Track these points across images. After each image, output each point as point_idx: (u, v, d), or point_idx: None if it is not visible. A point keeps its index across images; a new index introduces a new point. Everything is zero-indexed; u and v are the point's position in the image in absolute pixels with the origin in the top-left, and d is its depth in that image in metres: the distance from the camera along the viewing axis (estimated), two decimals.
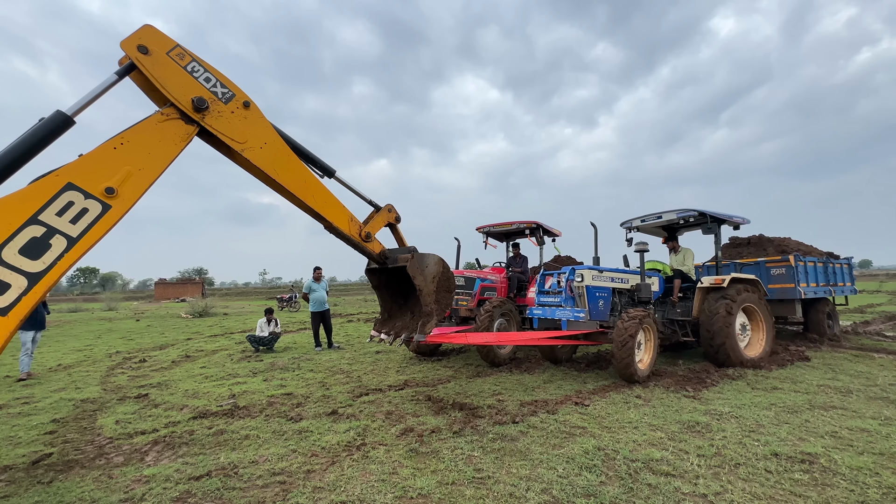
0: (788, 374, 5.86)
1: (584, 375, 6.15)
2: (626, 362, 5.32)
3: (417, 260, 4.07)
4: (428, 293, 4.04)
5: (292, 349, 9.36)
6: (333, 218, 3.89)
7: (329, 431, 4.08)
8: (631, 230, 8.12)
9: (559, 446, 3.58)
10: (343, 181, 4.21)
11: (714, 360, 6.42)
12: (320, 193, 3.85)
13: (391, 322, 4.55)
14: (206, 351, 9.45)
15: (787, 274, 7.90)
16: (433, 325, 4.04)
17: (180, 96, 3.15)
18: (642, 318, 5.62)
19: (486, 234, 9.19)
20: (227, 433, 4.12)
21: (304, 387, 5.91)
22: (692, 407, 4.51)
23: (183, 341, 11.34)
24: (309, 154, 4.00)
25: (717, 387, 5.33)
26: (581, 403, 4.72)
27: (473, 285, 7.76)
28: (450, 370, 6.79)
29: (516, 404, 4.79)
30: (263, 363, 7.67)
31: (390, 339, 4.29)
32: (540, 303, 6.67)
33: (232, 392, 5.67)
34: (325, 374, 6.75)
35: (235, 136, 3.41)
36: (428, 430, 4.01)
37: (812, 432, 3.76)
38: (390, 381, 6.11)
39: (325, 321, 9.42)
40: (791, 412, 4.30)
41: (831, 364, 6.45)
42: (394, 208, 4.40)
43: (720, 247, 7.42)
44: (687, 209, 7.03)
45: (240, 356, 8.49)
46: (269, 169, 3.55)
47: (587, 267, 6.37)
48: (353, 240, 4.00)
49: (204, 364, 7.83)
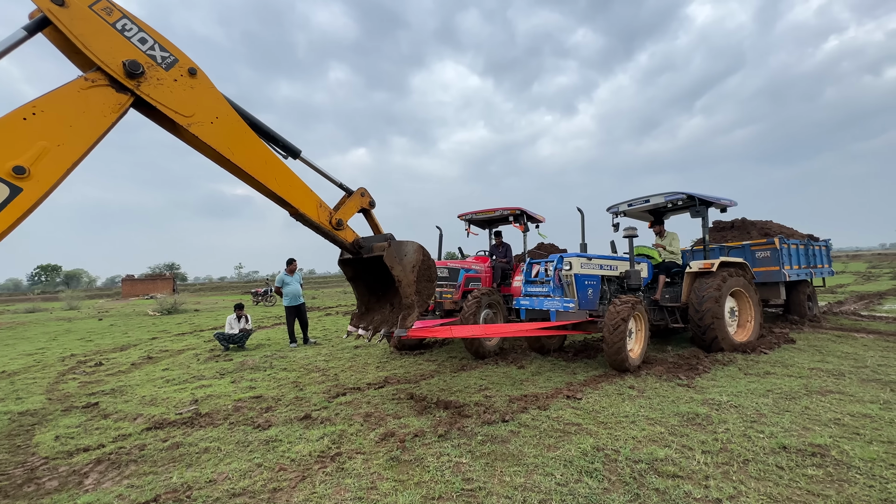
0: (778, 358, 5.75)
1: (574, 365, 5.90)
2: (618, 347, 5.09)
3: (395, 248, 3.68)
4: (407, 284, 3.66)
5: (266, 346, 8.84)
6: (299, 203, 3.45)
7: (300, 440, 3.67)
8: (617, 215, 7.91)
9: (554, 447, 3.28)
10: (310, 163, 3.75)
11: (703, 346, 6.28)
12: (283, 175, 3.39)
13: (369, 316, 4.16)
14: (172, 351, 8.83)
15: (772, 257, 7.85)
16: (414, 317, 3.67)
17: (108, 59, 2.63)
18: (634, 303, 5.39)
19: (468, 222, 8.83)
20: (184, 446, 3.66)
21: (275, 388, 5.46)
22: (688, 397, 4.30)
23: (147, 341, 10.63)
24: (271, 132, 3.53)
25: (709, 373, 5.15)
26: (573, 397, 4.45)
27: (458, 276, 7.41)
28: (433, 364, 6.44)
29: (505, 400, 4.48)
30: (233, 363, 7.15)
31: (369, 334, 3.90)
32: (527, 293, 6.37)
33: (194, 397, 5.17)
34: (300, 372, 6.30)
35: (180, 109, 2.91)
36: (410, 433, 3.66)
37: (815, 420, 3.58)
38: (369, 379, 5.72)
39: (300, 316, 8.92)
40: (789, 399, 4.13)
41: (817, 346, 6.41)
42: (367, 192, 3.97)
43: (708, 230, 7.27)
44: (675, 192, 6.83)
45: (207, 356, 7.93)
46: (221, 147, 3.08)
47: (575, 254, 6.09)
48: (323, 227, 3.57)
49: (167, 366, 7.25)
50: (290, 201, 3.37)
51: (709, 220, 7.24)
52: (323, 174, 3.80)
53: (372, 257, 3.78)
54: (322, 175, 3.81)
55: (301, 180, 3.48)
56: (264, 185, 3.24)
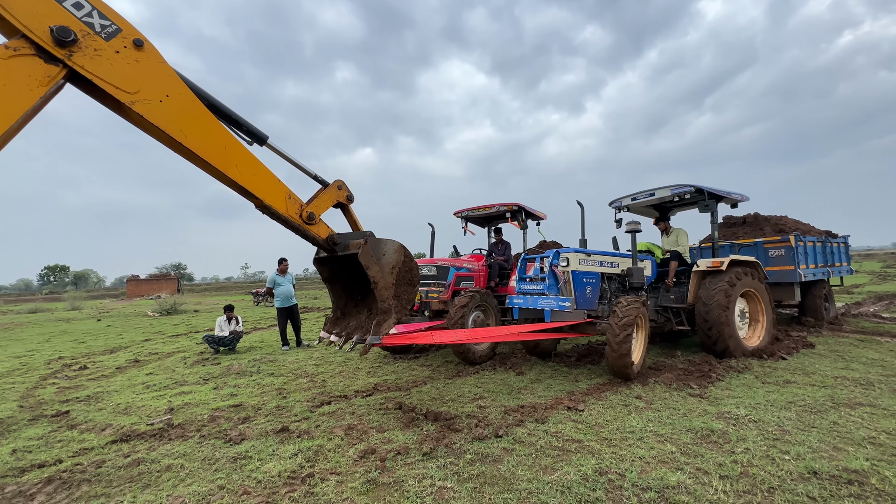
0: (798, 364, 5.34)
1: (576, 372, 5.53)
2: (624, 360, 4.69)
3: (372, 246, 3.33)
4: (384, 286, 3.31)
5: (257, 349, 8.54)
6: (264, 193, 3.11)
7: (272, 457, 3.33)
8: (620, 210, 7.50)
9: (552, 469, 2.92)
10: (279, 150, 3.40)
11: (712, 351, 5.87)
12: (246, 163, 3.05)
13: (344, 321, 3.82)
14: (161, 354, 8.55)
15: (787, 255, 7.41)
16: (391, 324, 3.32)
17: (32, 23, 2.30)
18: (641, 305, 5.00)
19: (464, 220, 8.46)
20: (146, 463, 3.34)
21: (257, 395, 5.14)
22: (701, 409, 3.91)
23: (139, 343, 10.38)
24: (233, 115, 3.19)
25: (723, 382, 4.76)
26: (574, 408, 4.08)
27: (447, 275, 7.04)
28: (427, 370, 6.10)
29: (500, 411, 4.12)
30: (219, 367, 6.85)
31: (340, 341, 3.56)
32: (520, 291, 6.00)
33: (171, 405, 4.85)
34: (287, 378, 5.98)
35: (122, 84, 2.58)
36: (393, 450, 3.31)
37: (847, 439, 3.19)
38: (358, 386, 5.38)
39: (292, 318, 8.61)
40: (815, 412, 3.73)
41: (839, 351, 5.98)
42: (345, 185, 3.63)
43: (717, 226, 6.86)
44: (682, 185, 6.42)
45: (196, 359, 7.64)
46: (172, 128, 2.74)
47: (573, 250, 5.70)
48: (292, 221, 3.23)
49: (152, 370, 6.96)
50: (254, 191, 3.03)
51: (718, 215, 6.83)
52: (294, 164, 3.46)
53: (349, 256, 3.44)
54: (294, 165, 3.46)
55: (267, 169, 3.14)
56: (223, 172, 2.91)
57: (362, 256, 3.27)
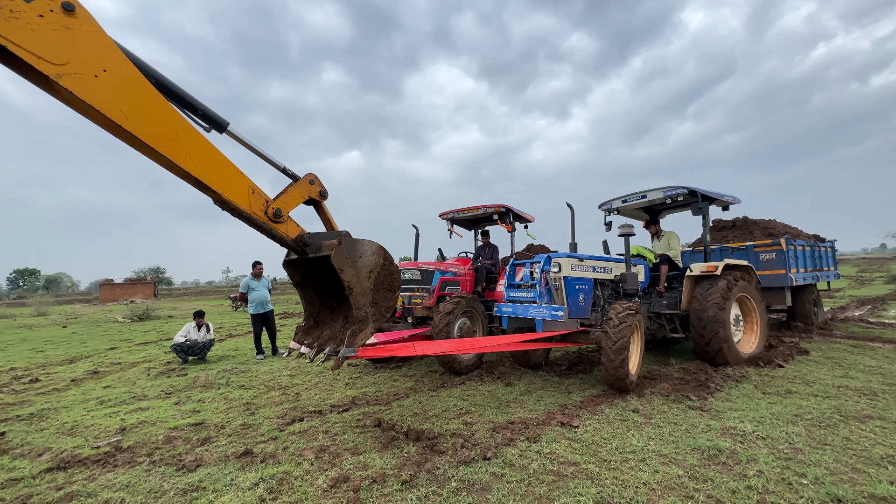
0: (796, 372, 5.14)
1: (568, 382, 5.23)
2: (621, 372, 4.39)
3: (347, 247, 2.97)
4: (361, 292, 2.95)
5: (230, 358, 8.02)
6: (223, 187, 2.72)
7: (229, 487, 2.92)
8: (610, 212, 7.28)
9: (547, 498, 2.58)
10: (242, 139, 3.02)
11: (707, 359, 5.65)
12: (202, 152, 2.66)
13: (317, 330, 3.44)
14: (124, 364, 7.96)
15: (778, 259, 7.28)
16: (367, 334, 2.96)
17: None
18: (637, 313, 4.72)
19: (450, 222, 8.14)
20: (80, 498, 2.89)
21: (223, 411, 4.69)
22: (704, 424, 3.64)
23: (102, 352, 9.71)
24: (188, 98, 2.80)
25: (722, 392, 4.51)
26: (569, 424, 3.76)
27: (432, 279, 6.69)
28: (410, 380, 5.72)
29: (488, 429, 3.77)
30: (186, 379, 6.34)
31: (312, 352, 3.18)
32: (509, 298, 5.67)
33: (123, 424, 4.37)
34: (257, 391, 5.52)
35: (46, 54, 2.17)
36: (369, 477, 2.93)
37: (864, 458, 2.94)
38: (335, 399, 4.97)
39: (267, 324, 8.13)
40: (824, 427, 3.49)
41: (834, 357, 5.82)
42: (317, 179, 3.26)
43: (709, 229, 6.68)
44: (675, 187, 6.22)
45: (161, 370, 7.09)
46: (109, 109, 2.33)
47: (565, 255, 5.40)
48: (256, 219, 2.85)
49: (110, 382, 6.41)
50: (211, 184, 2.64)
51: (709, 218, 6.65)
52: (260, 154, 3.08)
53: (321, 258, 3.07)
54: (259, 156, 3.08)
55: (227, 159, 2.75)
56: (174, 162, 2.51)
57: (335, 258, 2.91)
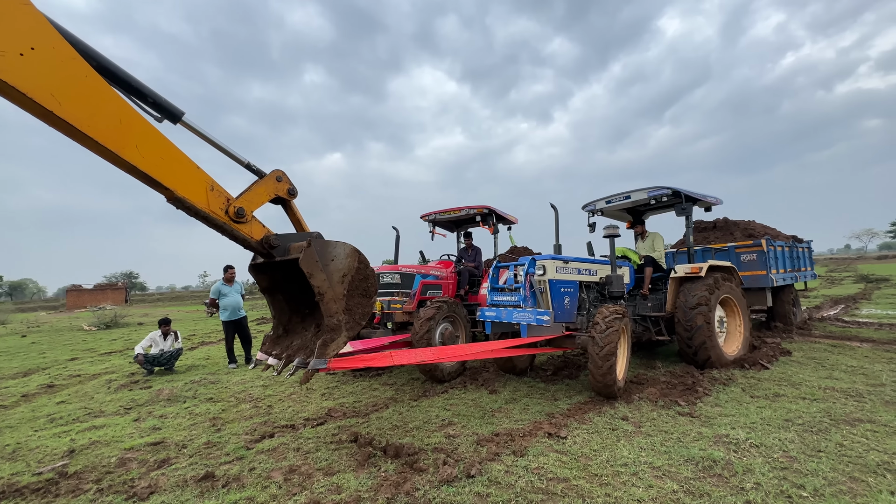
0: (781, 374, 5.09)
1: (554, 388, 5.05)
2: (609, 378, 4.24)
3: (317, 250, 2.72)
4: (333, 298, 2.71)
5: (200, 368, 7.59)
6: (176, 183, 2.44)
7: None
8: (594, 213, 7.19)
9: None
10: (200, 130, 2.73)
11: (693, 362, 5.57)
12: (152, 143, 2.38)
13: (287, 339, 3.18)
14: (84, 376, 7.44)
15: (759, 260, 7.31)
16: (340, 344, 2.72)
17: None
18: (623, 316, 4.59)
19: (432, 223, 7.92)
20: None
21: (186, 428, 4.34)
22: (696, 432, 3.50)
23: (62, 363, 9.11)
24: (136, 84, 2.51)
25: (710, 396, 4.41)
26: (556, 435, 3.57)
27: (412, 283, 6.45)
28: (390, 389, 5.46)
29: (471, 441, 3.55)
30: (149, 391, 5.92)
31: (280, 364, 2.92)
32: (493, 302, 5.48)
33: (73, 445, 3.98)
34: (226, 404, 5.18)
35: None
36: (342, 502, 2.67)
37: (860, 466, 2.83)
38: (309, 412, 4.68)
39: (241, 331, 7.73)
40: (816, 432, 3.39)
41: (816, 358, 5.82)
42: (285, 176, 2.99)
43: (692, 231, 6.63)
44: (659, 187, 6.15)
45: (123, 382, 6.64)
46: (38, 92, 2.04)
47: (550, 256, 5.23)
48: (215, 218, 2.57)
49: (65, 397, 5.95)
50: (162, 179, 2.36)
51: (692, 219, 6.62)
52: (221, 148, 2.79)
53: (291, 262, 2.81)
54: (220, 150, 2.80)
55: (181, 152, 2.47)
56: (117, 154, 2.22)
57: (304, 262, 2.65)
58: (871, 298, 13.65)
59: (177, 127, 2.69)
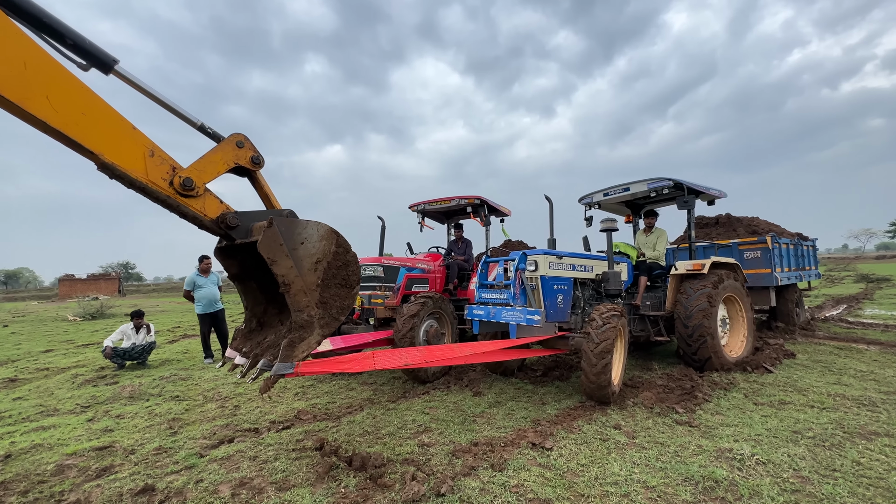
0: (786, 379, 4.75)
1: (542, 391, 4.71)
2: (603, 379, 3.89)
3: (282, 231, 2.33)
4: (302, 290, 2.34)
5: (174, 362, 7.24)
6: (104, 146, 2.05)
7: None
8: (591, 206, 6.80)
9: None
10: (136, 81, 2.32)
11: (692, 363, 5.24)
12: (68, 95, 1.98)
13: (260, 335, 2.80)
14: (53, 370, 7.08)
15: (763, 257, 6.95)
16: (312, 344, 2.36)
17: None
18: (621, 316, 4.23)
19: (420, 214, 7.54)
20: None
21: (140, 430, 3.99)
22: (695, 444, 3.15)
23: (35, 355, 8.74)
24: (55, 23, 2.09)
25: (710, 403, 4.06)
26: (541, 446, 3.23)
27: (397, 276, 6.08)
28: (368, 389, 5.11)
29: (446, 451, 3.20)
30: (114, 388, 5.56)
31: (246, 364, 2.55)
32: (481, 300, 5.11)
33: (11, 449, 3.61)
34: (191, 402, 4.82)
35: None
36: None
37: (882, 490, 2.49)
38: (277, 414, 4.33)
39: (217, 325, 7.36)
40: (828, 447, 3.05)
41: (822, 361, 5.49)
42: (247, 141, 2.56)
43: (693, 225, 6.27)
44: (659, 178, 5.78)
45: (90, 377, 6.27)
46: None
47: (542, 252, 4.85)
48: (155, 190, 2.18)
49: (24, 393, 5.58)
50: (83, 141, 1.96)
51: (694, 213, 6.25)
52: (166, 105, 2.38)
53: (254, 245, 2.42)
54: (165, 107, 2.39)
55: (111, 108, 2.07)
56: (21, 107, 1.83)
57: (264, 245, 2.26)
58: (873, 298, 13.35)
59: (108, 77, 2.28)
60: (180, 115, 2.47)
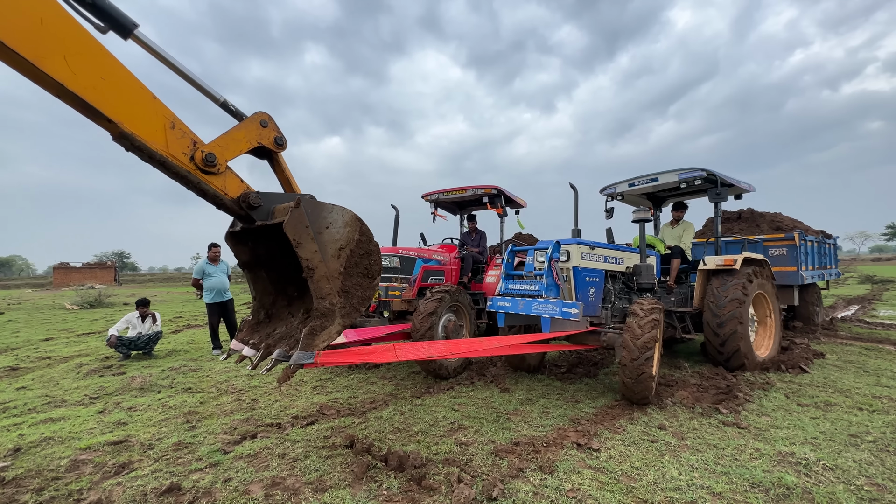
0: (823, 379, 4.60)
1: (572, 388, 4.54)
2: (642, 374, 3.71)
3: (308, 213, 2.14)
4: (325, 276, 2.14)
5: (182, 353, 7.03)
6: (123, 114, 1.84)
7: None
8: (613, 197, 6.61)
9: None
10: (157, 49, 2.11)
11: (721, 362, 5.07)
12: (87, 57, 1.77)
13: (269, 327, 2.61)
14: (55, 358, 6.85)
15: (789, 255, 6.79)
16: (333, 334, 2.16)
17: None
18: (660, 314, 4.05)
19: (433, 204, 7.32)
20: None
21: (156, 424, 3.78)
22: (752, 448, 2.99)
23: (35, 343, 8.50)
24: None
25: (753, 403, 3.90)
26: (587, 446, 3.05)
27: (413, 268, 5.87)
28: (389, 383, 4.92)
29: (488, 451, 3.03)
30: (122, 378, 5.35)
31: (257, 356, 2.35)
32: (507, 291, 4.90)
33: (21, 443, 3.41)
34: (206, 395, 4.62)
35: None
36: None
37: None
38: (298, 408, 4.14)
39: (226, 315, 7.16)
40: (893, 452, 2.89)
41: (854, 361, 5.35)
42: (272, 121, 2.37)
43: (720, 219, 6.09)
44: (691, 169, 5.57)
45: (95, 366, 6.06)
46: None
47: (575, 241, 4.64)
48: (175, 165, 1.98)
49: (27, 382, 5.36)
50: (101, 107, 1.76)
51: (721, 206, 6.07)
52: (188, 77, 2.18)
53: (274, 228, 2.22)
54: (187, 80, 2.19)
55: (131, 75, 1.87)
56: (36, 66, 1.62)
57: (290, 226, 2.07)
58: (882, 299, 13.29)
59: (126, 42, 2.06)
60: (202, 89, 2.27)
